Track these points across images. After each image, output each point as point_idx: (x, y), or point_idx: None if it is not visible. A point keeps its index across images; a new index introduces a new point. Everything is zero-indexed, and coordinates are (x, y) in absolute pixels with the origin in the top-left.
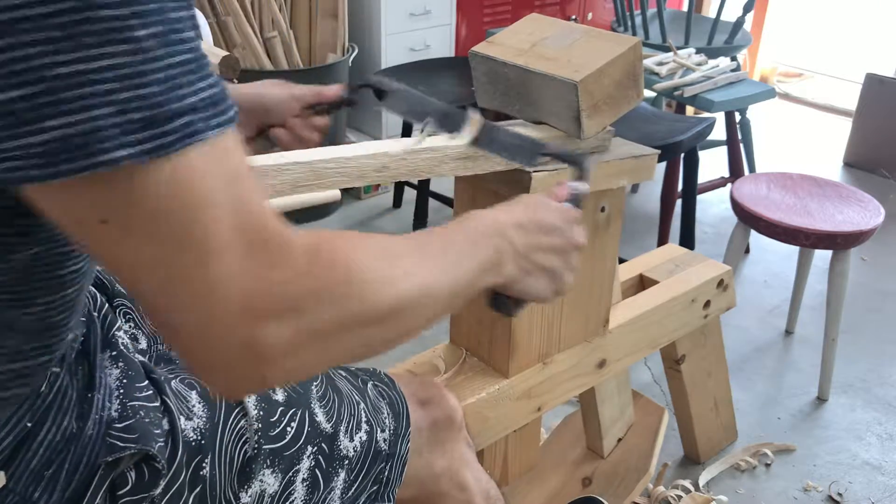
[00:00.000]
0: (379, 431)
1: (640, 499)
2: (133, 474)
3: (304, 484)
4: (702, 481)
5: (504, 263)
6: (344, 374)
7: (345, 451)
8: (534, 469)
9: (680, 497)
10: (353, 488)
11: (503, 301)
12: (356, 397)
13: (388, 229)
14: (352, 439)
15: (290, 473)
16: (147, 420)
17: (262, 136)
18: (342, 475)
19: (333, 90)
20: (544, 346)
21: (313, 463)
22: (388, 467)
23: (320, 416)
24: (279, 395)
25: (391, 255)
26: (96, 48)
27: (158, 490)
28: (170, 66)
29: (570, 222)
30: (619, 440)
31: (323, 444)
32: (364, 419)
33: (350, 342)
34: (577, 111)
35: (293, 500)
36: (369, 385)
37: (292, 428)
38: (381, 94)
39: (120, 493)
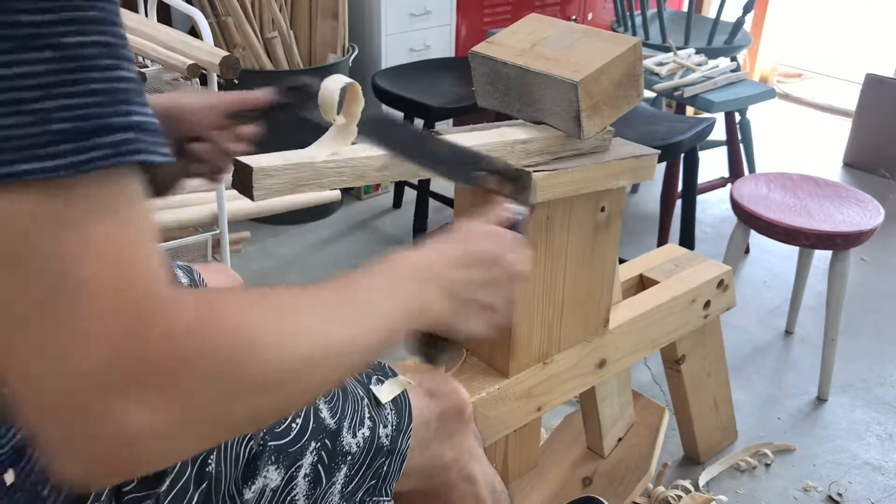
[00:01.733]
0: (381, 427)
1: (640, 499)
2: None
3: (306, 479)
4: (702, 481)
5: (430, 305)
6: None
7: (347, 447)
8: (534, 469)
9: (680, 497)
10: (354, 483)
11: (431, 347)
12: (360, 393)
13: (388, 229)
14: (354, 435)
15: (293, 469)
16: None
17: (181, 154)
18: (344, 470)
19: (259, 94)
20: (544, 346)
21: (316, 458)
22: (387, 462)
23: (325, 413)
24: None
25: (288, 313)
26: (13, 54)
27: (163, 487)
28: (118, 80)
29: (509, 250)
30: (620, 440)
31: (326, 440)
32: (367, 415)
33: (237, 416)
34: (576, 111)
35: (295, 495)
36: (373, 380)
37: (297, 424)
38: (307, 97)
39: (125, 489)
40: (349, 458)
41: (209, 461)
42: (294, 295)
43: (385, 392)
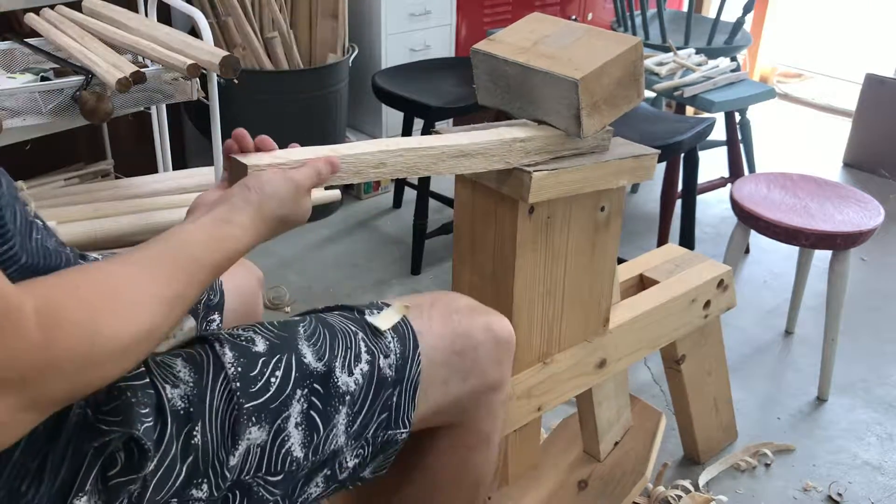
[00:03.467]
0: (382, 358)
1: (639, 499)
2: (122, 455)
3: (299, 428)
4: (701, 481)
5: (236, 215)
6: (337, 312)
7: (344, 387)
8: (530, 471)
9: (680, 497)
10: (359, 421)
11: None
12: (352, 328)
13: (388, 229)
14: (351, 373)
15: (280, 421)
16: (134, 400)
17: None
18: (344, 410)
19: None
20: (544, 346)
21: (306, 405)
22: (396, 393)
23: (309, 357)
24: (260, 346)
25: (122, 292)
26: None
27: (150, 468)
28: None
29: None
30: (616, 444)
31: (315, 385)
32: (364, 349)
33: (91, 388)
34: (577, 109)
35: (290, 446)
36: (366, 313)
37: (277, 377)
38: None
39: (110, 474)
40: (347, 397)
41: (195, 433)
42: (124, 269)
43: (382, 320)
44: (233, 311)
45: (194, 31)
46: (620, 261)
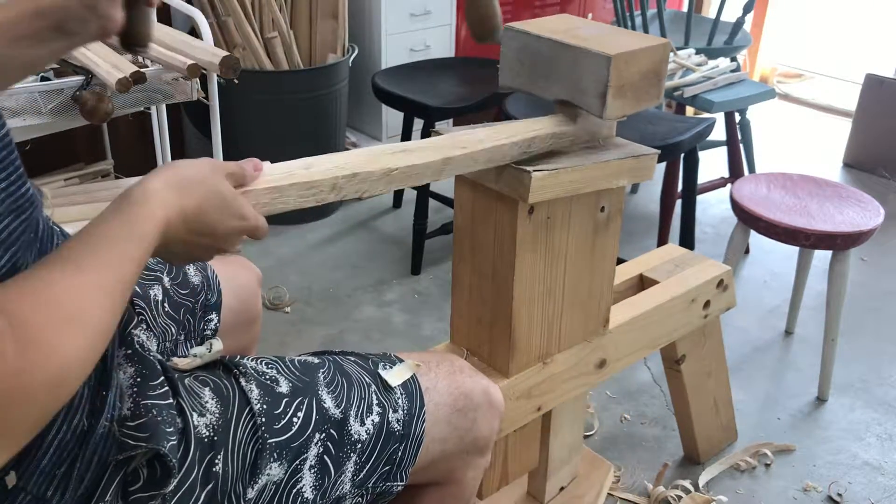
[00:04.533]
0: (391, 412)
1: (639, 498)
2: (145, 471)
3: (312, 471)
4: (702, 481)
5: (156, 254)
6: (353, 358)
7: (356, 436)
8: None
9: (680, 497)
10: (365, 470)
11: None
12: (366, 380)
13: (388, 229)
14: (363, 423)
15: (297, 462)
16: (160, 419)
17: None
18: (353, 459)
19: None
20: (544, 346)
21: (322, 450)
22: (401, 447)
23: (328, 403)
24: (283, 387)
25: (85, 314)
26: None
27: (170, 487)
28: None
29: (235, 239)
30: (562, 489)
31: (332, 431)
32: (375, 401)
33: (43, 425)
34: (605, 87)
35: (301, 487)
36: (380, 366)
37: (299, 418)
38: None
39: (132, 489)
40: (358, 446)
41: (216, 461)
42: (83, 290)
43: (394, 376)
44: (231, 311)
45: (194, 31)
46: (620, 261)
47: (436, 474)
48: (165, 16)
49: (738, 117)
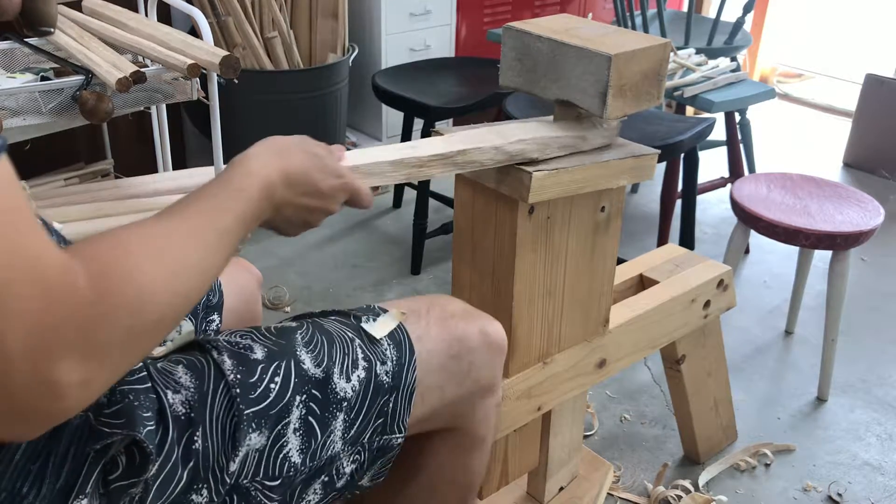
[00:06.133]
0: (379, 364)
1: (639, 499)
2: (124, 459)
3: (297, 433)
4: (701, 481)
5: (264, 215)
6: (334, 316)
7: (342, 394)
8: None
9: (680, 497)
10: (356, 427)
11: None
12: (349, 335)
13: (388, 229)
14: (348, 379)
15: (279, 427)
16: (136, 403)
17: None
18: (341, 416)
19: None
20: (544, 346)
21: (304, 411)
22: (392, 399)
23: (308, 363)
24: (258, 353)
25: (167, 255)
26: None
27: (151, 472)
28: None
29: (337, 193)
30: (562, 489)
31: (314, 391)
32: (361, 355)
33: (142, 348)
34: (605, 87)
35: (287, 452)
36: (363, 320)
37: (276, 383)
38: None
39: (111, 477)
40: (345, 403)
41: (195, 438)
42: (169, 232)
43: (378, 328)
44: (232, 312)
45: (194, 31)
46: (620, 261)
47: (442, 421)
48: (165, 15)
49: (738, 117)
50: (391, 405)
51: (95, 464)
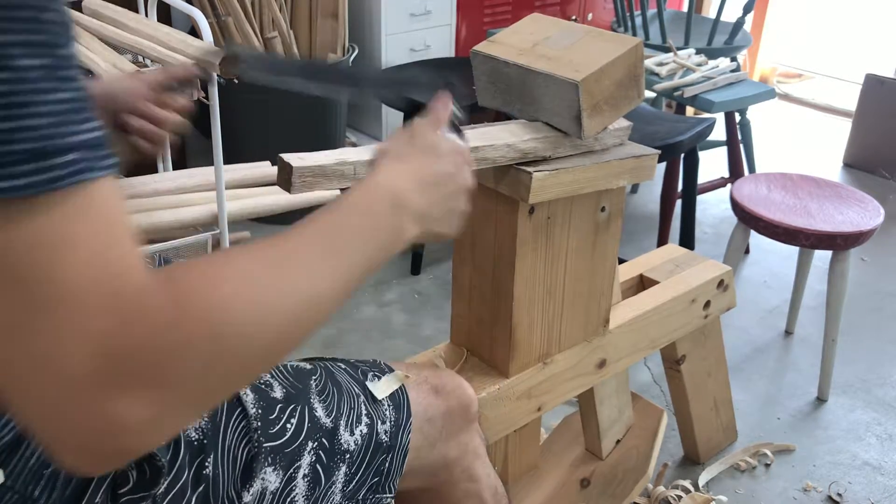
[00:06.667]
0: (380, 423)
1: (639, 499)
2: (134, 473)
3: (305, 480)
4: (702, 481)
5: (404, 233)
6: (343, 366)
7: (346, 446)
8: (532, 470)
9: (680, 497)
10: (355, 481)
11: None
12: (356, 390)
13: None
14: (352, 433)
15: (292, 470)
16: None
17: (117, 129)
18: (343, 469)
19: (181, 67)
20: (544, 346)
21: (314, 458)
22: (388, 458)
23: (320, 411)
24: (277, 392)
25: (268, 279)
26: None
27: (160, 489)
28: (58, 101)
29: (462, 167)
30: (618, 441)
31: (323, 439)
32: (364, 412)
33: (226, 388)
34: (577, 111)
35: (294, 497)
36: (369, 376)
37: (292, 424)
38: (234, 62)
39: (121, 491)
40: (348, 456)
41: (206, 463)
42: (274, 254)
43: (381, 388)
44: None
45: (194, 31)
46: (620, 261)
47: (424, 479)
48: (165, 15)
49: (738, 117)
50: (387, 465)
51: (105, 475)
